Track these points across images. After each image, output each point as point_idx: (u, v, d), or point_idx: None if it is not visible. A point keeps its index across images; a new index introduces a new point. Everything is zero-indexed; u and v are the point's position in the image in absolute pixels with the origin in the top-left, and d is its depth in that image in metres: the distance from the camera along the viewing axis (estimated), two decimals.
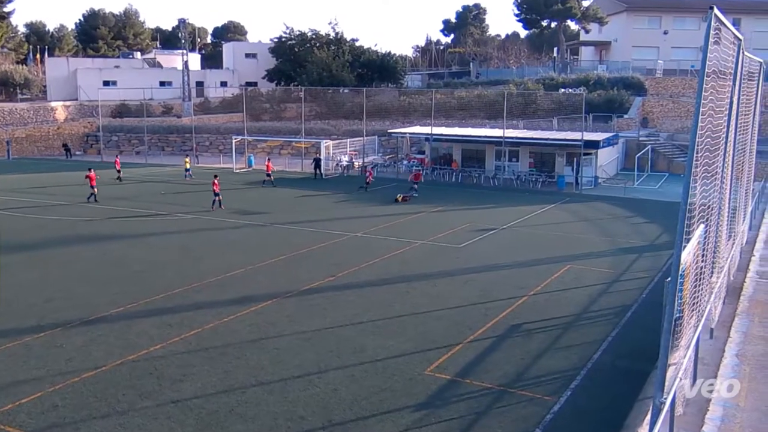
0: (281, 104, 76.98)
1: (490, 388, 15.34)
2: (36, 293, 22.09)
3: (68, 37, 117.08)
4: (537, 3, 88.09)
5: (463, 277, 24.57)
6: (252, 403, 14.53)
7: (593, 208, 39.43)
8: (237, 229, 32.76)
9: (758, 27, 78.45)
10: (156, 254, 27.52)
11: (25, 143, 68.26)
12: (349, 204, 40.18)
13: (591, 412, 14.30)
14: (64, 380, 15.54)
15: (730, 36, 10.76)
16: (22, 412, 14.02)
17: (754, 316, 13.73)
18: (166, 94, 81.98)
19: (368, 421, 13.79)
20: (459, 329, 18.97)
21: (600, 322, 20.07)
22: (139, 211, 36.83)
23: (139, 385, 15.33)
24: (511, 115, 57.49)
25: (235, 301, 21.31)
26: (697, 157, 8.77)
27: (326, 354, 17.20)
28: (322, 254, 27.61)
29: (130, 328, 18.93)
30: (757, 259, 18.39)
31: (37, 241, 29.19)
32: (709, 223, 11.95)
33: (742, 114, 15.15)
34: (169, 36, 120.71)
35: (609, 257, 27.91)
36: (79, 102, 78.32)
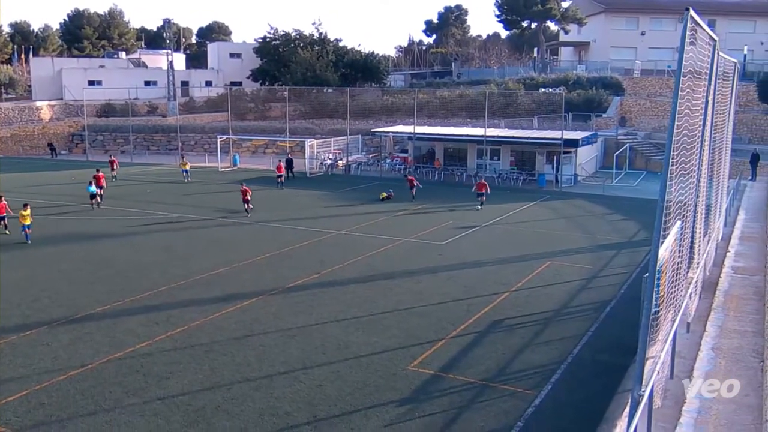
0: (266, 104, 76.74)
1: (472, 382, 15.38)
2: (22, 292, 21.88)
3: (53, 36, 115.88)
4: (517, 4, 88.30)
5: (445, 273, 24.63)
6: (238, 399, 14.50)
7: (573, 206, 39.65)
8: (222, 227, 32.65)
9: (733, 28, 79.14)
10: (142, 253, 27.35)
11: (10, 143, 67.60)
12: (333, 202, 40.12)
13: (571, 406, 14.38)
14: (50, 378, 15.42)
15: (705, 37, 10.84)
16: (8, 411, 13.90)
17: (729, 310, 13.87)
18: (151, 94, 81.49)
19: (353, 416, 13.79)
20: (442, 325, 19.02)
21: (579, 317, 20.19)
22: (124, 210, 36.60)
23: (126, 383, 15.24)
24: (492, 115, 57.65)
25: (220, 299, 21.24)
26: (674, 155, 8.83)
27: (311, 350, 17.19)
28: (306, 252, 27.58)
29: (116, 326, 18.82)
30: (732, 255, 18.57)
31: (21, 241, 28.91)
32: (686, 220, 12.05)
33: (717, 113, 15.28)
34: (153, 36, 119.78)
35: (588, 254, 28.08)
36: (65, 102, 77.68)
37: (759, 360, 11.26)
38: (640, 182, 48.62)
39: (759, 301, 14.40)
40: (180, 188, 44.74)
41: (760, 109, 59.32)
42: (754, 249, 19.45)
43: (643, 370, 8.55)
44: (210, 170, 54.70)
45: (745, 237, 21.13)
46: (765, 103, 59.14)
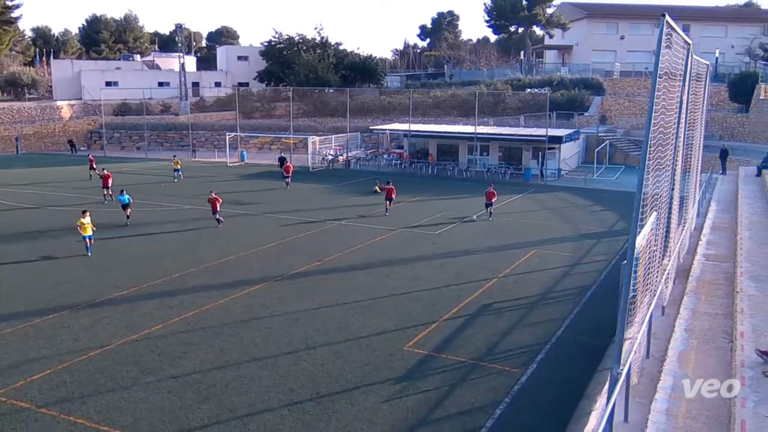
0: (271, 103, 76.53)
1: (463, 361, 15.44)
2: (44, 279, 21.90)
3: (72, 40, 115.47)
4: (505, 10, 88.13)
5: (438, 261, 24.67)
6: (246, 377, 14.54)
7: (557, 198, 39.69)
8: (230, 218, 32.60)
9: (706, 32, 79.04)
10: (155, 242, 27.35)
11: (33, 140, 67.40)
12: (334, 195, 40.10)
13: (555, 383, 14.44)
14: (71, 358, 15.46)
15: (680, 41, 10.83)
16: (32, 388, 13.94)
17: (701, 294, 13.91)
18: (164, 94, 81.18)
19: (353, 392, 13.85)
20: (435, 309, 19.07)
21: (563, 301, 20.26)
22: (139, 202, 36.51)
23: (142, 362, 15.28)
24: (481, 113, 57.57)
25: (229, 285, 21.26)
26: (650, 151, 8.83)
27: (314, 332, 17.23)
28: (309, 241, 27.59)
29: (133, 310, 18.85)
30: (704, 244, 18.60)
31: (43, 231, 28.87)
32: (661, 211, 12.06)
33: (690, 112, 15.27)
34: (166, 40, 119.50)
35: (571, 242, 28.14)
36: (83, 101, 77.40)
37: (728, 340, 11.29)
38: (619, 176, 48.68)
39: (728, 286, 14.44)
40: (190, 182, 44.64)
41: (730, 109, 59.33)
42: (724, 238, 19.48)
43: (621, 350, 8.57)
44: (219, 165, 54.62)
45: (716, 227, 21.16)
46: (735, 102, 59.13)
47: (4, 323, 17.64)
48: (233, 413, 12.96)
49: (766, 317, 11.64)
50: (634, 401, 9.45)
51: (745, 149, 48.04)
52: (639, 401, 9.53)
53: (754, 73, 59.11)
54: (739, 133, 54.95)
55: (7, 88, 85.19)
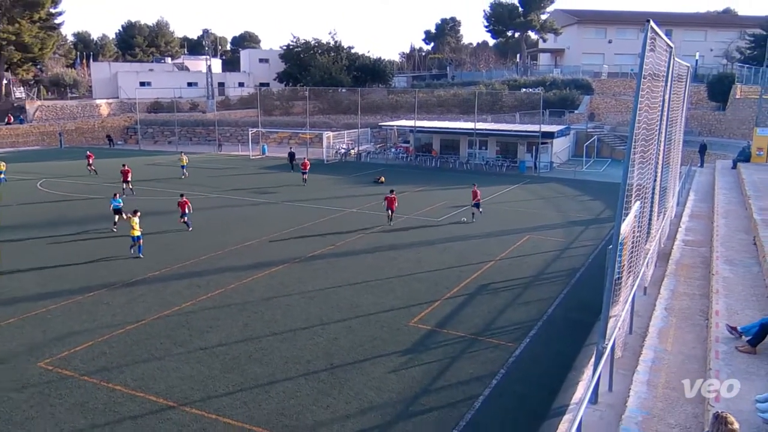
0: (289, 102, 76.46)
1: (463, 336, 15.47)
2: (85, 260, 22.04)
3: (109, 44, 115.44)
4: (503, 17, 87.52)
5: (441, 245, 24.65)
6: (267, 349, 14.62)
7: (549, 188, 39.53)
8: (253, 206, 32.70)
9: (687, 37, 78.28)
10: (184, 228, 27.41)
11: (75, 134, 67.67)
12: (346, 185, 40.08)
13: (546, 356, 14.46)
14: (110, 332, 15.58)
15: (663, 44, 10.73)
16: (75, 359, 14.07)
17: (679, 276, 13.86)
18: (192, 93, 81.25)
19: (363, 363, 13.90)
20: (437, 288, 19.09)
21: (554, 282, 20.23)
22: (169, 191, 36.64)
23: (173, 335, 15.39)
24: (481, 111, 57.30)
25: (252, 266, 21.33)
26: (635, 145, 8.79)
27: (328, 309, 17.28)
28: (324, 227, 27.62)
29: (165, 289, 18.95)
30: (683, 230, 18.51)
31: (82, 218, 29.02)
32: (644, 201, 12.01)
33: (672, 110, 15.16)
34: (194, 44, 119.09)
35: (561, 229, 28.05)
36: (120, 100, 77.54)
37: (704, 318, 11.27)
38: (605, 168, 48.42)
39: (705, 269, 14.38)
40: (217, 172, 44.74)
41: (709, 107, 58.77)
42: (701, 225, 19.38)
43: (606, 326, 8.58)
44: (243, 158, 54.69)
45: (694, 215, 21.05)
46: (713, 101, 58.58)
47: (50, 300, 17.80)
48: (255, 382, 13.04)
49: (739, 297, 11.60)
50: (617, 373, 9.47)
51: (722, 144, 47.65)
52: (622, 373, 9.54)
53: (731, 75, 58.54)
54: (717, 129, 54.48)
55: (51, 87, 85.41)
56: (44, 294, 18.34)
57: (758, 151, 33.07)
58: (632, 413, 7.97)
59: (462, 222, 28.59)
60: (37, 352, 14.37)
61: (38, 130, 66.04)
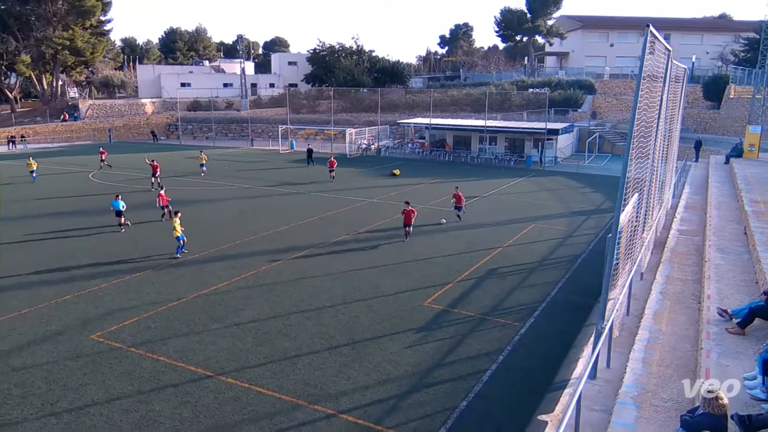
0: (315, 101, 76.44)
1: (472, 316, 15.46)
2: (132, 245, 22.34)
3: (153, 49, 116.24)
4: (512, 22, 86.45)
5: (453, 233, 24.59)
6: (294, 326, 14.73)
7: (553, 181, 39.17)
8: (282, 196, 32.85)
9: (684, 40, 76.74)
10: (221, 215, 27.69)
11: (122, 130, 68.45)
12: (367, 177, 40.07)
13: (548, 335, 14.40)
14: (155, 308, 15.81)
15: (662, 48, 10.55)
16: (124, 332, 14.31)
17: (674, 263, 13.70)
18: (228, 93, 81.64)
19: (381, 339, 13.97)
20: (450, 272, 19.06)
21: (557, 267, 20.09)
22: (207, 182, 36.96)
23: (211, 312, 15.57)
24: (491, 109, 56.84)
25: (281, 250, 21.47)
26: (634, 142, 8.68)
27: (350, 290, 17.36)
28: (346, 215, 27.68)
29: (203, 270, 19.16)
30: (678, 220, 18.26)
31: (130, 206, 29.34)
32: (642, 193, 11.87)
33: (669, 109, 14.91)
34: (230, 48, 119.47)
35: (564, 218, 27.81)
36: (163, 99, 78.19)
37: (696, 302, 11.14)
38: (606, 163, 47.83)
39: (698, 257, 14.19)
40: (249, 165, 44.95)
41: (704, 106, 57.68)
42: (695, 216, 19.10)
43: (605, 308, 8.53)
44: (273, 152, 54.90)
45: (688, 206, 20.74)
46: (708, 100, 57.48)
47: (102, 279, 18.10)
48: (284, 354, 13.16)
49: (730, 283, 11.45)
50: (615, 351, 9.41)
51: (716, 141, 46.79)
52: (619, 351, 9.48)
53: (725, 76, 57.33)
54: (711, 126, 53.47)
55: (101, 88, 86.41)
56: (96, 274, 18.66)
57: (750, 147, 32.47)
58: (628, 388, 7.93)
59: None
60: (90, 326, 14.64)
61: (90, 126, 66.90)
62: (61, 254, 20.93)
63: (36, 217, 26.84)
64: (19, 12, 66.06)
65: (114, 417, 10.71)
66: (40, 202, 30.46)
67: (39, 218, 26.66)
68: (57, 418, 10.70)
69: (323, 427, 10.39)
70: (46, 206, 29.30)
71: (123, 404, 11.11)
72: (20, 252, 21.25)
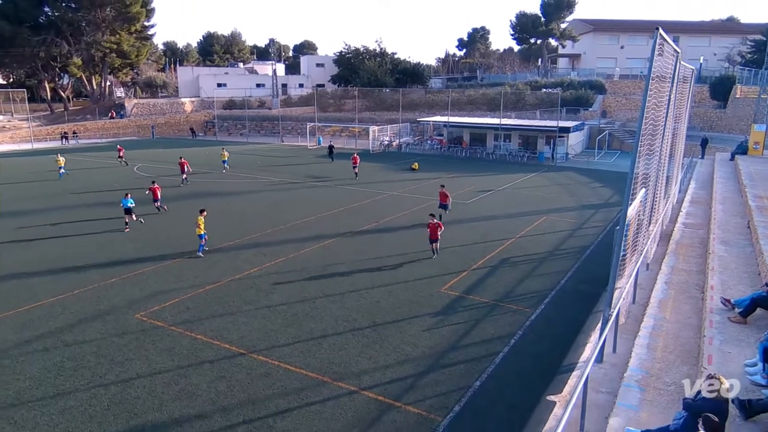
0: (341, 100, 76.49)
1: (486, 302, 15.40)
2: (173, 232, 22.67)
3: (192, 52, 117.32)
4: (527, 26, 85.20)
5: (469, 224, 24.47)
6: (320, 309, 14.84)
7: (564, 176, 38.66)
8: (311, 188, 33.00)
9: (692, 43, 74.89)
10: (253, 206, 27.92)
11: (164, 127, 69.35)
12: (388, 171, 40.00)
13: (558, 321, 14.29)
14: (193, 291, 16.05)
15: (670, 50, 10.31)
16: (165, 312, 14.57)
17: (679, 255, 13.46)
18: (260, 93, 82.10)
19: (401, 323, 14.00)
20: (465, 260, 18.99)
21: (566, 257, 19.88)
22: (240, 175, 37.29)
23: (244, 295, 15.76)
24: (506, 108, 56.21)
25: (308, 239, 21.60)
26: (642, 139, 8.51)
27: (372, 276, 17.41)
28: (369, 207, 27.71)
29: (237, 256, 19.38)
30: (684, 214, 17.91)
31: (170, 196, 29.78)
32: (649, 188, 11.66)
33: (676, 107, 14.59)
34: (262, 51, 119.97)
35: (574, 211, 27.47)
36: (201, 98, 78.95)
37: (700, 292, 10.94)
38: (615, 159, 47.02)
39: (702, 249, 13.92)
40: (279, 160, 45.21)
41: (710, 105, 56.32)
42: (700, 210, 18.70)
43: (612, 296, 8.42)
44: (301, 148, 55.13)
45: (694, 201, 20.31)
46: (714, 100, 56.10)
47: (145, 264, 18.42)
48: (310, 335, 13.28)
49: (733, 274, 11.21)
50: (621, 337, 9.30)
51: (722, 138, 45.68)
52: (625, 337, 9.37)
53: (732, 76, 55.86)
54: (717, 125, 52.19)
55: (145, 88, 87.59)
56: (140, 259, 19.00)
57: (755, 145, 31.63)
58: (633, 372, 7.84)
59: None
60: (135, 306, 14.94)
61: (135, 123, 67.95)
62: (105, 241, 21.35)
63: (87, 207, 27.40)
64: (71, 18, 67.15)
65: (156, 389, 10.94)
66: (93, 193, 31.06)
67: (90, 208, 27.21)
68: (105, 389, 10.96)
69: (347, 403, 10.48)
70: (97, 197, 29.87)
71: (164, 378, 11.33)
72: (71, 240, 21.73)
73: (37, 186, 33.12)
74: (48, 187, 32.51)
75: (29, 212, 26.13)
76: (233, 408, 10.30)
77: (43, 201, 28.74)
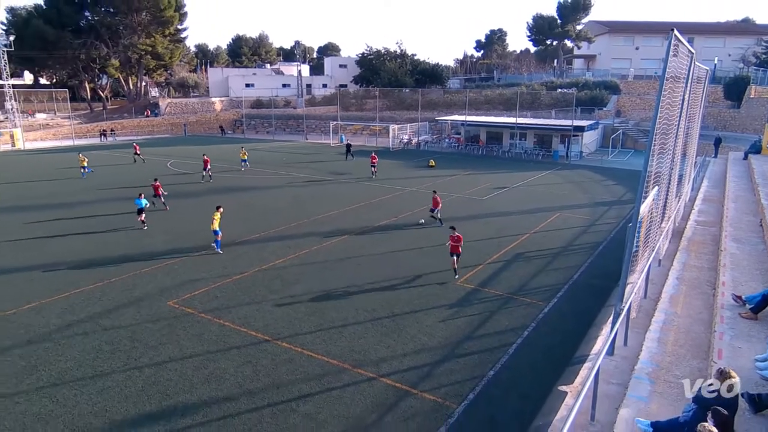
0: (363, 100, 76.45)
1: (501, 295, 15.31)
2: (202, 225, 22.92)
3: (222, 53, 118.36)
4: (543, 28, 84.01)
5: (484, 219, 24.31)
6: (341, 299, 14.91)
7: (578, 174, 38.12)
8: (333, 184, 33.09)
9: (707, 44, 73.06)
10: (278, 200, 28.11)
11: (195, 125, 70.17)
12: (407, 168, 39.90)
13: (570, 314, 14.14)
14: (221, 280, 16.25)
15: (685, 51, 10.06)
16: (195, 300, 14.79)
17: (690, 251, 13.18)
18: (286, 93, 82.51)
19: (418, 314, 14.00)
20: (480, 255, 18.89)
21: (579, 252, 19.64)
22: (266, 171, 37.55)
23: (269, 285, 15.90)
24: (522, 108, 55.64)
25: (330, 232, 21.69)
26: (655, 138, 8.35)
27: (392, 269, 17.42)
28: (389, 202, 27.69)
29: (262, 248, 19.55)
30: (696, 212, 17.53)
31: (201, 190, 30.15)
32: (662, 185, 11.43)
33: (690, 107, 14.27)
34: (288, 53, 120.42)
35: (587, 208, 27.09)
36: (230, 98, 79.67)
37: (711, 288, 10.71)
38: (628, 158, 46.19)
39: (714, 246, 13.61)
40: (304, 157, 45.42)
41: (724, 105, 54.92)
42: (713, 208, 18.28)
43: (624, 291, 8.29)
44: (324, 145, 55.29)
45: (706, 199, 19.87)
46: (728, 100, 54.70)
47: (174, 256, 18.69)
48: (331, 324, 13.36)
49: (744, 271, 10.95)
50: (632, 330, 9.17)
51: (736, 138, 44.51)
52: (636, 331, 9.24)
53: (746, 77, 54.36)
54: (731, 125, 50.89)
55: (178, 88, 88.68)
56: (171, 250, 19.30)
57: None
58: (643, 365, 7.72)
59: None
60: (167, 294, 15.19)
61: (168, 121, 68.89)
62: (138, 234, 21.70)
63: (121, 200, 27.90)
64: (110, 22, 68.28)
65: (187, 372, 11.12)
66: (128, 188, 31.60)
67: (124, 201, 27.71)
68: (140, 371, 11.19)
69: (366, 389, 10.53)
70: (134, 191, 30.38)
71: (194, 362, 11.52)
72: (105, 235, 22.15)
73: (73, 183, 33.82)
74: (83, 183, 33.17)
75: (64, 205, 26.70)
76: (258, 391, 10.43)
77: (81, 195, 29.33)
